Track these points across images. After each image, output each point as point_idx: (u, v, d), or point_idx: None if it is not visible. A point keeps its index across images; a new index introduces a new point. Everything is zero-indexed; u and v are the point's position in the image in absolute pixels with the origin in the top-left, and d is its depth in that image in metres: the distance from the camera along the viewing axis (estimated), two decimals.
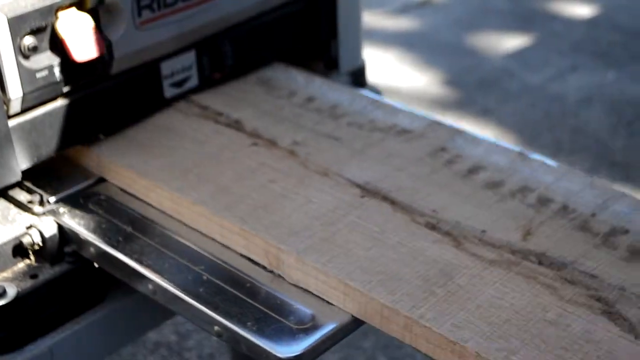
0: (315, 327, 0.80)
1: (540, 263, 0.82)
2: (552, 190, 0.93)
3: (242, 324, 0.80)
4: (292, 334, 0.79)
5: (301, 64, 1.21)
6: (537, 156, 1.00)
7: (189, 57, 1.08)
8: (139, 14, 1.01)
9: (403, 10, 3.19)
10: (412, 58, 2.91)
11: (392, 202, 0.91)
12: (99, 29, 0.98)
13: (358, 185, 0.94)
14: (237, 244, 0.89)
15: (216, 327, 0.82)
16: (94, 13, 0.97)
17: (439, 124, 1.06)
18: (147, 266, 0.88)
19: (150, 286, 0.87)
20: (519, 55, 2.92)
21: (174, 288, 0.85)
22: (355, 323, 0.81)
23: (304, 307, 0.82)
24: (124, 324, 1.01)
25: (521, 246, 0.84)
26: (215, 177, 0.95)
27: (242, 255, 0.88)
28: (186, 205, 0.92)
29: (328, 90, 1.13)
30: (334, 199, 0.91)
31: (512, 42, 2.99)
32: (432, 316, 0.76)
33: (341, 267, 0.82)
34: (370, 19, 3.14)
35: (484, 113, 2.62)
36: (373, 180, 0.94)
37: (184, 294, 0.84)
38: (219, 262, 0.88)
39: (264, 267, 0.87)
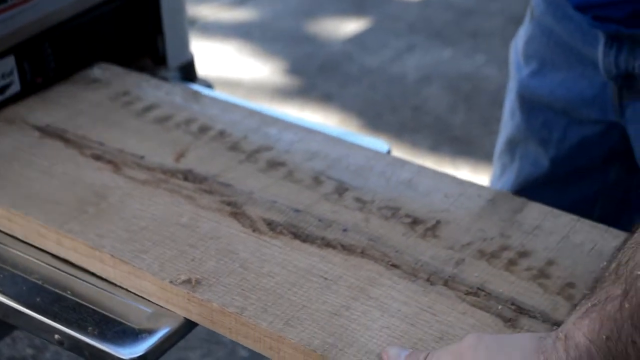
0: (157, 326, 0.80)
1: (185, 179, 0.94)
2: (215, 120, 1.05)
3: (82, 329, 0.79)
4: (134, 335, 0.79)
5: (129, 62, 1.19)
6: (212, 93, 1.17)
7: (9, 63, 1.04)
8: None
9: (240, 1, 3.18)
10: (251, 49, 2.91)
11: (66, 141, 1.00)
12: None
13: (38, 128, 1.02)
14: None
15: (56, 336, 0.80)
16: None
17: (126, 74, 1.15)
18: None
19: None
20: (357, 39, 2.96)
21: (9, 300, 0.83)
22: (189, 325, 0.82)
23: (143, 307, 0.82)
24: None
25: (172, 166, 0.96)
26: None
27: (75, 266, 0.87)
28: None
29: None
30: (14, 140, 1.00)
31: (349, 26, 3.03)
32: (79, 230, 0.86)
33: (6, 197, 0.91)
34: (207, 12, 3.11)
35: (326, 98, 2.64)
36: (53, 123, 1.04)
37: (20, 305, 0.82)
38: (54, 269, 0.86)
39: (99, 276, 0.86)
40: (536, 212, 0.89)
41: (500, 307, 0.77)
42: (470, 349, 0.67)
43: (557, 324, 0.74)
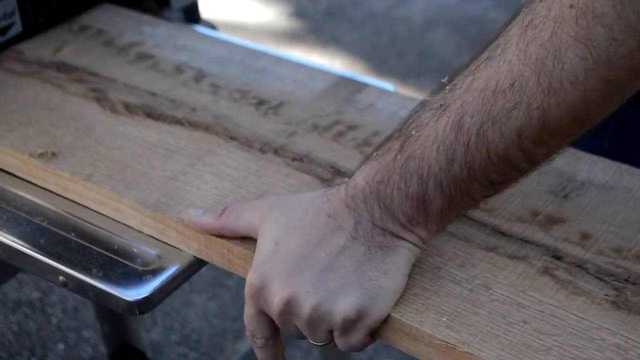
0: (162, 268, 0.79)
1: (58, 70, 1.02)
2: (95, 20, 1.10)
3: (86, 271, 0.79)
4: (138, 277, 0.79)
5: (133, 3, 1.19)
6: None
7: (10, 3, 1.04)
8: None
9: None
10: None
11: None
12: None
13: None
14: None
15: (61, 277, 0.80)
16: None
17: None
18: None
19: None
20: None
21: (14, 242, 0.83)
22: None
23: (148, 249, 0.82)
24: None
25: (49, 60, 1.03)
26: None
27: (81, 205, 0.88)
28: None
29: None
30: None
31: None
32: None
33: None
34: None
35: (332, 42, 2.63)
36: None
37: (25, 246, 0.83)
38: (59, 211, 0.86)
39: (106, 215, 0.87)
40: (373, 93, 0.97)
41: (320, 170, 0.86)
42: (267, 201, 0.75)
43: None
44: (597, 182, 0.84)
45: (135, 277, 0.78)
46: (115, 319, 1.72)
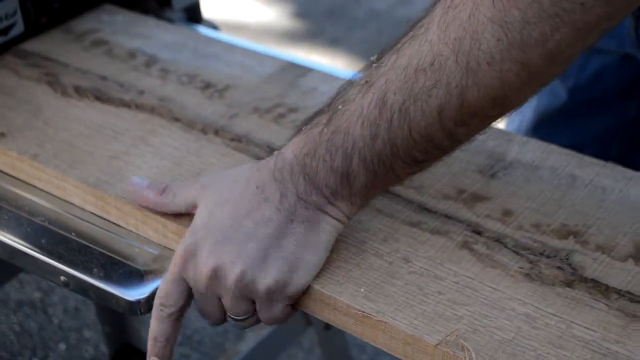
0: (163, 268, 0.80)
1: (17, 56, 1.04)
2: None
3: (88, 271, 0.79)
4: (140, 277, 0.79)
5: (135, 3, 1.19)
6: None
7: (12, 3, 1.05)
8: None
9: None
10: None
11: None
12: None
13: None
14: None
15: (62, 277, 0.80)
16: None
17: None
18: None
19: None
20: None
21: (15, 242, 0.84)
22: None
23: (149, 249, 0.82)
24: None
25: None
26: None
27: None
28: None
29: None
30: None
31: None
32: None
33: None
34: None
35: (333, 42, 2.62)
36: None
37: (26, 246, 0.83)
38: (60, 211, 0.87)
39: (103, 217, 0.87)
40: (318, 77, 1.00)
41: (257, 150, 0.89)
42: (204, 177, 0.78)
43: None
44: (525, 162, 0.86)
45: (136, 277, 0.79)
46: (117, 319, 1.73)
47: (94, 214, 0.86)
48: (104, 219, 0.85)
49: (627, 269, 0.74)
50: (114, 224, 0.84)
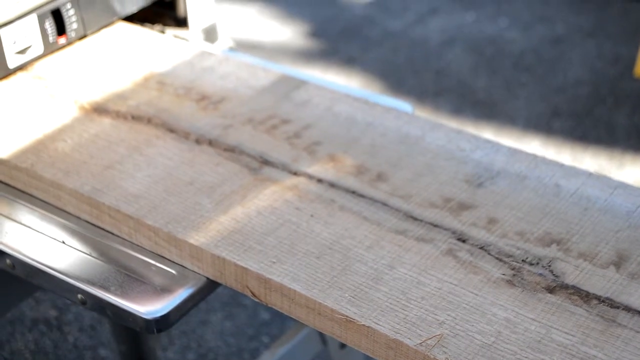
0: (179, 287, 0.80)
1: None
2: None
3: (105, 289, 0.80)
4: (156, 295, 0.79)
5: (151, 23, 1.20)
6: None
7: (31, 22, 1.04)
8: None
9: None
10: (273, 11, 2.92)
11: None
12: None
13: None
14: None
15: (79, 295, 0.81)
16: None
17: None
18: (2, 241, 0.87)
19: (8, 261, 0.86)
20: (379, 2, 2.94)
21: (33, 260, 0.85)
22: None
23: (166, 267, 0.83)
24: None
25: None
26: None
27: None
28: None
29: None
30: None
31: None
32: None
33: None
34: None
35: (348, 62, 2.61)
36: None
37: (44, 265, 0.84)
38: (77, 229, 0.88)
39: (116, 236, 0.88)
40: (311, 89, 1.01)
41: (249, 160, 0.90)
42: None
43: (295, 172, 0.87)
44: (512, 172, 0.88)
45: (153, 295, 0.79)
46: (132, 338, 1.73)
47: (90, 223, 0.87)
48: (99, 227, 0.87)
49: (608, 275, 0.75)
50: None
